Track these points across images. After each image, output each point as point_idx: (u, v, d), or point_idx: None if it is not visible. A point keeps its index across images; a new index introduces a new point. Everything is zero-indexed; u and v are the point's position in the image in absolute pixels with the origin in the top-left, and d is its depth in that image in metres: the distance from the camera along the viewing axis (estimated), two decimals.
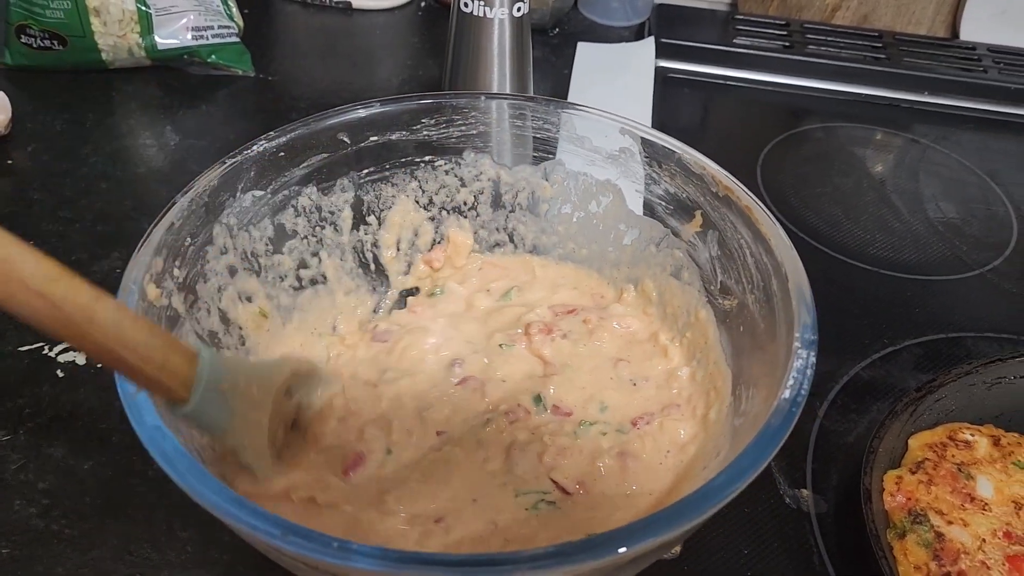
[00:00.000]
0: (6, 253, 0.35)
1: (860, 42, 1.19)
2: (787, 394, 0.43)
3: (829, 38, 1.19)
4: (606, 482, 0.53)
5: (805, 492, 0.63)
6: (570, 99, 1.03)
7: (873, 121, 1.09)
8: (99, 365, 0.69)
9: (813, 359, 0.44)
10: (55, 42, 1.00)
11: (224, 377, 0.45)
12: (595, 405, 0.58)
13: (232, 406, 0.45)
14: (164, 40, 1.02)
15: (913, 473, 0.60)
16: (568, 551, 0.37)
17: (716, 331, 0.58)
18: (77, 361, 0.69)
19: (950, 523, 0.57)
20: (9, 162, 0.91)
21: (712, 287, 0.59)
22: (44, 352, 0.70)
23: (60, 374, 0.68)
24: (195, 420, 0.44)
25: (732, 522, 0.60)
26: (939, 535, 0.56)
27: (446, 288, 0.68)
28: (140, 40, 1.01)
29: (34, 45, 1.00)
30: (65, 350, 0.70)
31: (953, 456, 0.62)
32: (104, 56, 1.02)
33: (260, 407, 0.48)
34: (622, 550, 0.37)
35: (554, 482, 0.53)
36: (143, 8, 0.99)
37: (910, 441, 0.63)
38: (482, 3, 0.78)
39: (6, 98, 0.92)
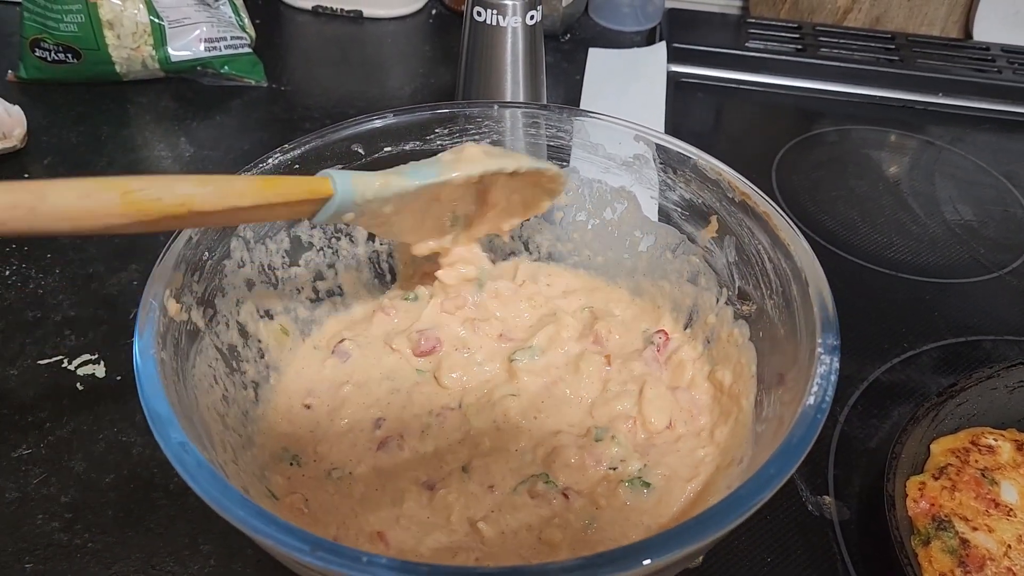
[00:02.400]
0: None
1: (873, 44, 1.19)
2: (811, 400, 0.42)
3: (841, 40, 1.19)
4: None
5: (828, 499, 0.63)
6: (582, 105, 1.03)
7: (887, 123, 1.09)
8: (118, 377, 0.69)
9: (836, 365, 0.44)
10: (69, 55, 1.00)
11: (362, 201, 0.50)
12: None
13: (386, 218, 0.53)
14: (177, 52, 1.02)
15: (936, 479, 0.60)
16: (595, 563, 0.37)
17: (743, 336, 0.58)
18: (96, 374, 0.69)
19: (975, 529, 0.57)
20: (26, 175, 0.91)
21: (730, 293, 0.59)
22: (63, 365, 0.70)
23: (79, 387, 0.68)
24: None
25: (754, 530, 0.60)
26: (964, 541, 0.56)
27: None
28: (153, 52, 1.01)
29: (48, 59, 1.01)
30: (84, 363, 0.70)
31: (976, 461, 0.61)
32: (118, 68, 1.02)
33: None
34: (647, 562, 0.37)
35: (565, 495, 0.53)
36: (156, 20, 1.00)
37: (932, 446, 0.62)
38: (495, 12, 0.78)
39: (21, 112, 0.93)
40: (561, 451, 0.54)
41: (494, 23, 0.78)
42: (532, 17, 0.79)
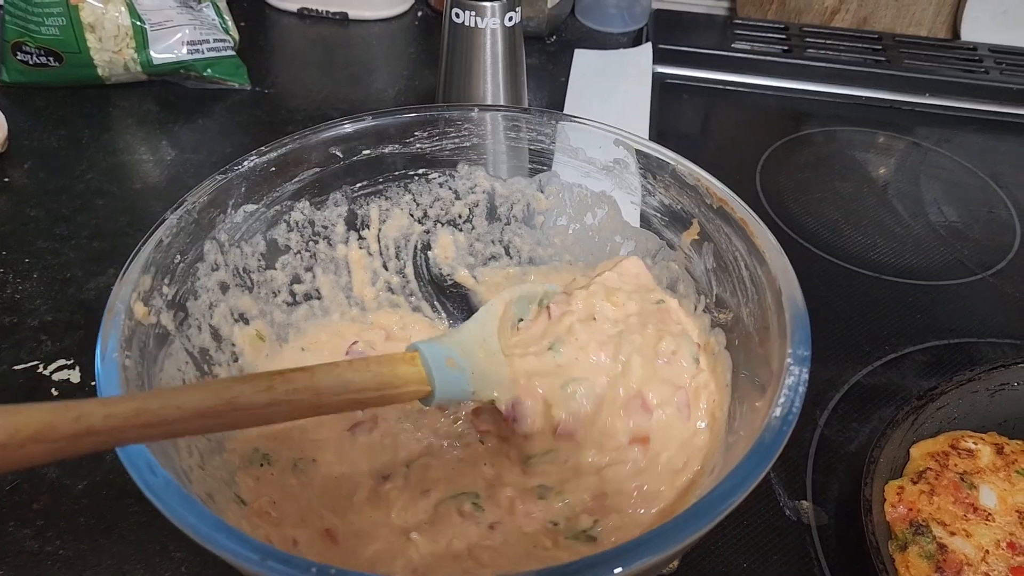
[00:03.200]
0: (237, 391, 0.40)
1: (860, 44, 1.18)
2: (778, 412, 0.42)
3: (828, 41, 1.19)
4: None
5: (805, 504, 0.62)
6: (567, 107, 1.03)
7: (874, 124, 1.09)
8: (93, 383, 0.68)
9: (805, 376, 0.43)
10: (51, 59, 1.00)
11: (446, 356, 0.50)
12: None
13: (466, 370, 0.51)
14: (159, 55, 1.02)
15: (915, 483, 0.59)
16: (564, 572, 0.36)
17: (719, 345, 0.57)
18: (71, 379, 0.69)
19: (952, 534, 0.57)
20: (6, 180, 0.90)
21: (708, 300, 0.59)
22: (39, 370, 0.69)
23: (55, 392, 0.68)
24: (448, 400, 0.51)
25: (731, 535, 0.60)
26: (942, 547, 0.56)
27: None
28: (136, 55, 1.01)
29: (30, 62, 1.00)
30: (59, 368, 0.70)
31: (955, 465, 0.61)
32: (100, 72, 1.02)
33: (492, 357, 0.54)
34: (618, 570, 0.37)
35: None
36: (138, 23, 0.99)
37: (912, 450, 0.62)
38: (473, 13, 0.77)
39: (2, 116, 0.93)
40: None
41: (472, 25, 0.77)
42: (511, 19, 0.78)
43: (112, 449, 0.36)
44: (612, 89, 1.07)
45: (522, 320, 0.59)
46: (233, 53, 1.08)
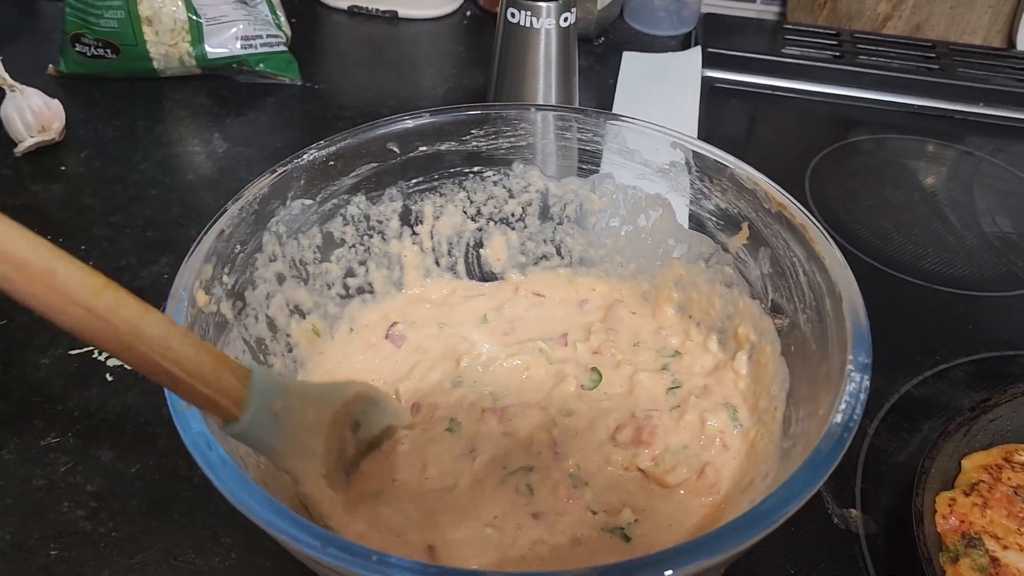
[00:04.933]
0: (51, 265, 0.33)
1: (912, 52, 1.17)
2: (839, 418, 0.42)
3: (880, 48, 1.17)
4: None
5: (854, 512, 0.62)
6: (615, 109, 1.03)
7: (925, 133, 1.07)
8: None
9: (867, 383, 0.43)
10: (108, 50, 1.02)
11: (277, 398, 0.44)
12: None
13: (284, 428, 0.44)
14: (214, 49, 1.03)
15: (967, 495, 0.59)
16: (614, 572, 0.36)
17: (775, 351, 0.57)
18: (126, 366, 0.70)
19: (1006, 548, 0.56)
20: (63, 168, 0.92)
21: (763, 305, 0.58)
22: (94, 356, 0.71)
23: (109, 378, 0.69)
24: (245, 439, 0.43)
25: (779, 542, 0.59)
26: (994, 560, 0.55)
27: None
28: (191, 49, 1.02)
29: (88, 53, 1.02)
30: None
31: (1009, 479, 0.60)
32: (155, 64, 1.03)
33: (314, 431, 0.47)
34: (668, 573, 0.37)
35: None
36: (194, 18, 1.01)
37: (964, 462, 0.61)
38: (529, 13, 0.78)
39: (60, 105, 0.94)
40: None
41: (528, 25, 0.78)
42: (566, 19, 0.78)
43: None
44: (660, 92, 1.07)
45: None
46: (285, 49, 1.09)
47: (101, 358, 0.71)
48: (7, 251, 0.32)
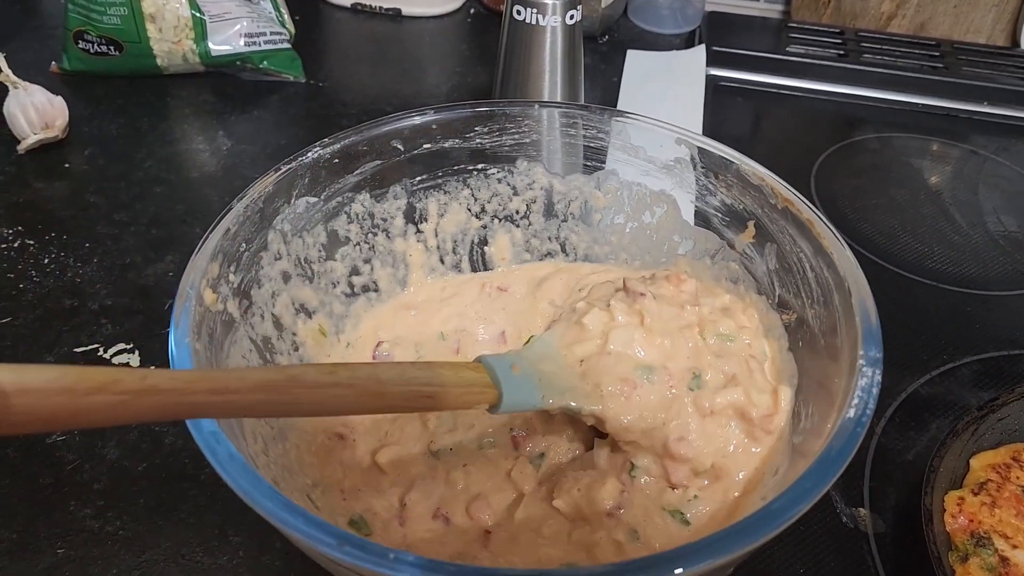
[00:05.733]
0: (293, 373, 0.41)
1: (917, 51, 1.17)
2: (852, 413, 0.41)
3: (885, 47, 1.17)
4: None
5: (863, 511, 0.61)
6: (619, 107, 1.03)
7: (930, 132, 1.07)
8: (153, 367, 0.69)
9: (879, 377, 0.43)
10: (112, 48, 1.01)
11: (510, 364, 0.50)
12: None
13: (534, 382, 0.50)
14: (217, 46, 1.03)
15: (976, 494, 0.58)
16: (625, 570, 0.36)
17: (782, 347, 0.57)
18: (131, 363, 0.70)
19: (1015, 547, 0.56)
20: (66, 165, 0.92)
21: (770, 301, 0.58)
22: (99, 353, 0.71)
23: None
24: (514, 408, 0.49)
25: (787, 540, 0.59)
26: (1004, 559, 0.55)
27: None
28: (194, 46, 1.02)
29: (91, 51, 1.02)
30: (119, 352, 0.71)
31: (1018, 478, 0.60)
32: (159, 62, 1.03)
33: (557, 373, 0.52)
34: (679, 571, 0.36)
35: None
36: (197, 15, 1.01)
37: (972, 461, 0.61)
38: (535, 11, 0.77)
39: (63, 102, 0.94)
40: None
41: (533, 22, 0.77)
42: (572, 17, 0.78)
43: (176, 417, 0.36)
44: (665, 90, 1.06)
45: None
46: (289, 46, 1.09)
47: (106, 356, 0.70)
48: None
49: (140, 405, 0.33)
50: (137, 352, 0.71)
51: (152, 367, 0.69)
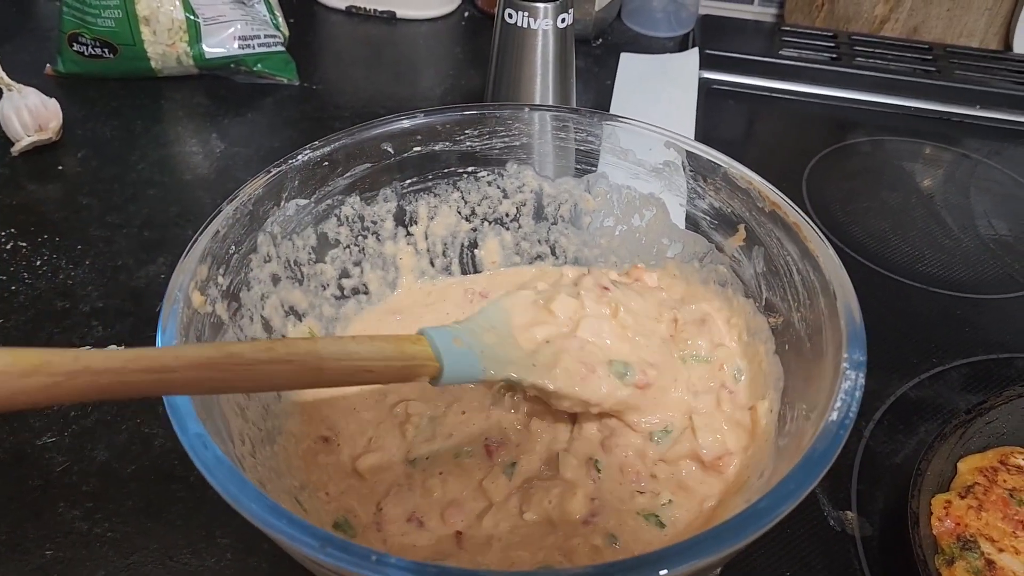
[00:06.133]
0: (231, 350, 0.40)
1: (909, 54, 1.17)
2: (835, 416, 0.42)
3: (877, 50, 1.18)
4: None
5: (850, 514, 0.62)
6: (612, 110, 1.03)
7: (922, 135, 1.07)
8: None
9: (862, 380, 0.43)
10: (106, 50, 1.02)
11: (452, 337, 0.50)
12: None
13: (476, 353, 0.50)
14: (212, 49, 1.03)
15: (963, 498, 0.59)
16: (609, 571, 0.36)
17: (769, 349, 0.57)
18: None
19: (1001, 551, 0.56)
20: (59, 168, 0.92)
21: (757, 304, 0.58)
22: None
23: None
24: (456, 381, 0.50)
25: (774, 543, 0.59)
26: (990, 563, 0.55)
27: None
28: (188, 49, 1.02)
29: (85, 53, 1.02)
30: None
31: (1005, 481, 0.60)
32: (153, 64, 1.03)
33: (501, 343, 0.53)
34: (663, 572, 0.37)
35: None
36: (192, 17, 1.01)
37: (959, 464, 0.61)
38: (526, 14, 0.78)
39: (57, 105, 0.94)
40: None
41: (525, 25, 0.78)
42: (563, 20, 0.78)
43: (113, 397, 0.36)
44: (658, 93, 1.07)
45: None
46: (283, 49, 1.09)
47: None
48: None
49: (75, 386, 0.33)
50: None
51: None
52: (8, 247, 0.81)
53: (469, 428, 0.57)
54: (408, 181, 0.65)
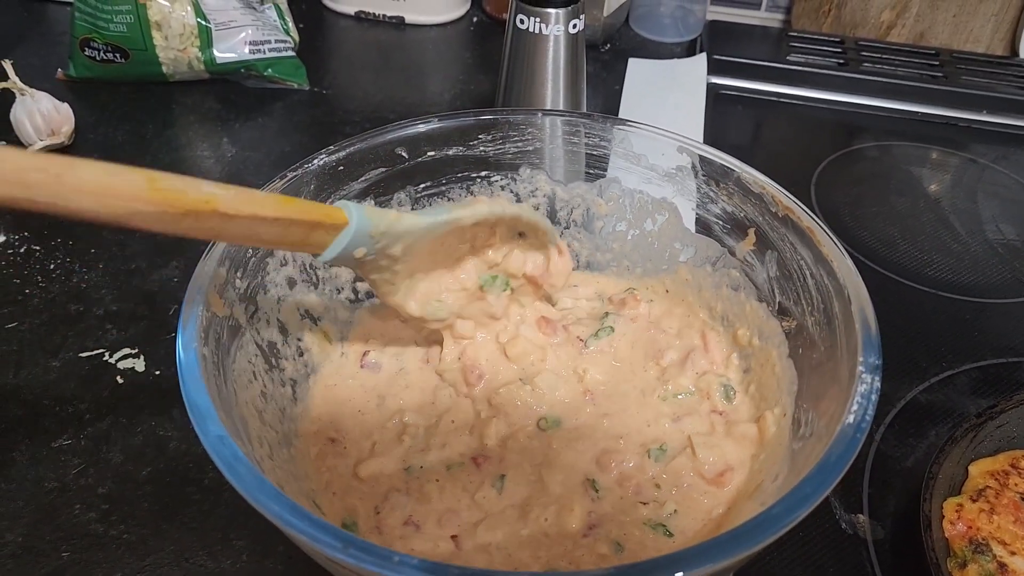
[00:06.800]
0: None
1: (916, 60, 1.18)
2: (851, 419, 0.42)
3: (884, 55, 1.18)
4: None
5: (862, 517, 0.62)
6: (621, 115, 1.03)
7: (929, 140, 1.08)
8: (157, 372, 0.70)
9: (878, 384, 0.43)
10: (118, 55, 1.02)
11: (363, 244, 0.48)
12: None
13: (395, 261, 0.51)
14: (223, 54, 1.04)
15: (974, 501, 0.59)
16: (625, 573, 0.37)
17: (781, 351, 0.57)
18: (136, 368, 0.70)
19: (1013, 553, 0.56)
20: None
21: (770, 308, 0.59)
22: (104, 358, 0.71)
23: (119, 380, 0.69)
24: (340, 264, 0.49)
25: (786, 546, 0.60)
26: (1002, 566, 0.55)
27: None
28: (199, 54, 1.03)
29: (97, 58, 1.03)
30: (124, 356, 0.71)
31: (1016, 484, 0.60)
32: (165, 69, 1.04)
33: (405, 259, 0.52)
34: (679, 575, 0.37)
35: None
36: (203, 23, 1.01)
37: (970, 468, 0.62)
38: (538, 20, 0.78)
39: (70, 109, 0.95)
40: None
41: (537, 31, 0.78)
42: (575, 26, 0.79)
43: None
44: (666, 98, 1.07)
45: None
46: (293, 54, 1.10)
47: (111, 360, 0.71)
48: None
49: None
50: (142, 357, 0.71)
51: (157, 372, 0.70)
52: (22, 251, 0.81)
53: (460, 438, 0.57)
54: (422, 185, 0.65)
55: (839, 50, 1.19)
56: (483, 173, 0.67)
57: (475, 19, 1.28)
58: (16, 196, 0.34)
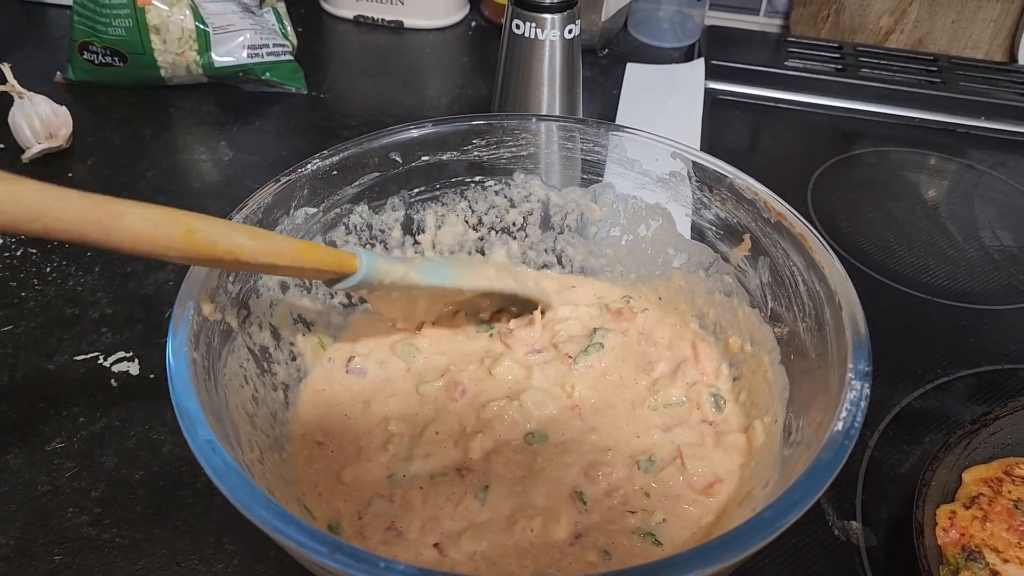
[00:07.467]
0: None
1: (914, 65, 1.18)
2: (840, 426, 0.42)
3: (883, 61, 1.18)
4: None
5: (855, 524, 0.62)
6: (618, 120, 1.03)
7: (927, 146, 1.08)
8: (152, 375, 0.70)
9: (867, 391, 0.43)
10: (116, 59, 1.02)
11: (368, 287, 0.53)
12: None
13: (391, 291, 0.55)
14: (221, 58, 1.04)
15: (967, 508, 0.59)
16: None
17: (773, 357, 0.57)
18: (131, 371, 0.70)
19: (1006, 561, 0.56)
20: (69, 175, 0.93)
21: (762, 314, 0.59)
22: (99, 361, 0.71)
23: (114, 384, 0.69)
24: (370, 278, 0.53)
25: (778, 553, 0.59)
26: (995, 573, 0.55)
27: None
28: (198, 58, 1.03)
29: (96, 61, 1.03)
30: (119, 360, 0.71)
31: (1009, 492, 0.60)
32: (163, 73, 1.04)
33: (397, 307, 0.60)
34: None
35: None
36: (201, 27, 1.02)
37: (964, 475, 0.61)
38: (534, 25, 0.78)
39: (68, 113, 0.95)
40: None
41: (532, 36, 0.78)
42: (570, 31, 0.79)
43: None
44: (664, 103, 1.07)
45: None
46: (291, 58, 1.10)
47: (106, 364, 0.71)
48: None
49: None
50: (137, 360, 0.71)
51: (152, 376, 0.70)
52: (18, 254, 0.82)
53: (444, 450, 0.56)
54: (416, 190, 0.66)
55: (837, 55, 1.19)
56: (477, 178, 0.67)
57: (473, 24, 1.29)
58: (71, 239, 0.38)
